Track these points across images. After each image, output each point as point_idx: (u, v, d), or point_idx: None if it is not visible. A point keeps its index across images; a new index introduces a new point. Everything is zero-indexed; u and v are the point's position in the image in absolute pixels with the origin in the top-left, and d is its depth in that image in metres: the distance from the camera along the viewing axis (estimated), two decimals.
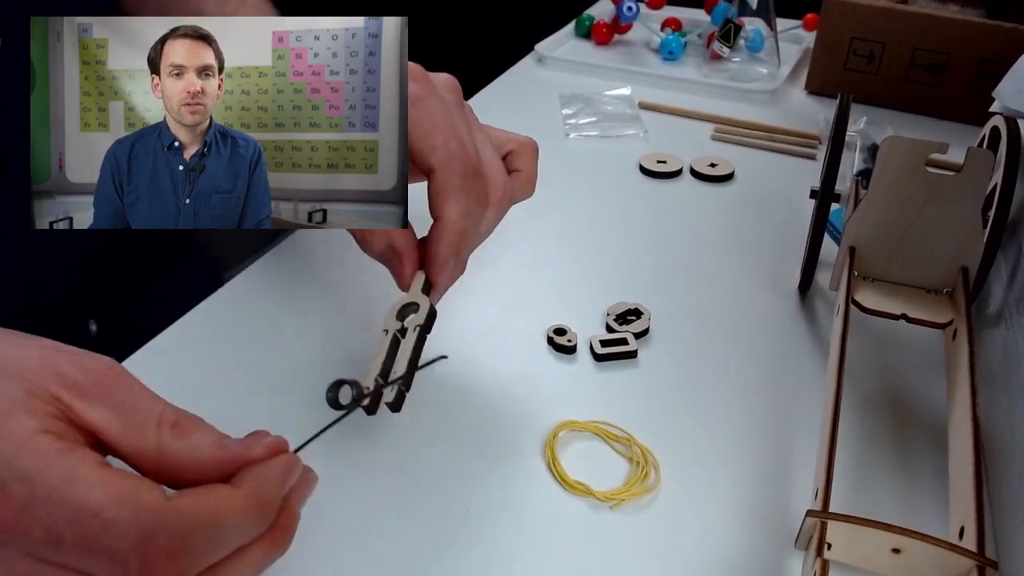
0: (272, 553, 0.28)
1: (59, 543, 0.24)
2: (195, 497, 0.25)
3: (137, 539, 0.23)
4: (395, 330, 0.37)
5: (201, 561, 0.25)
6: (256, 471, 0.27)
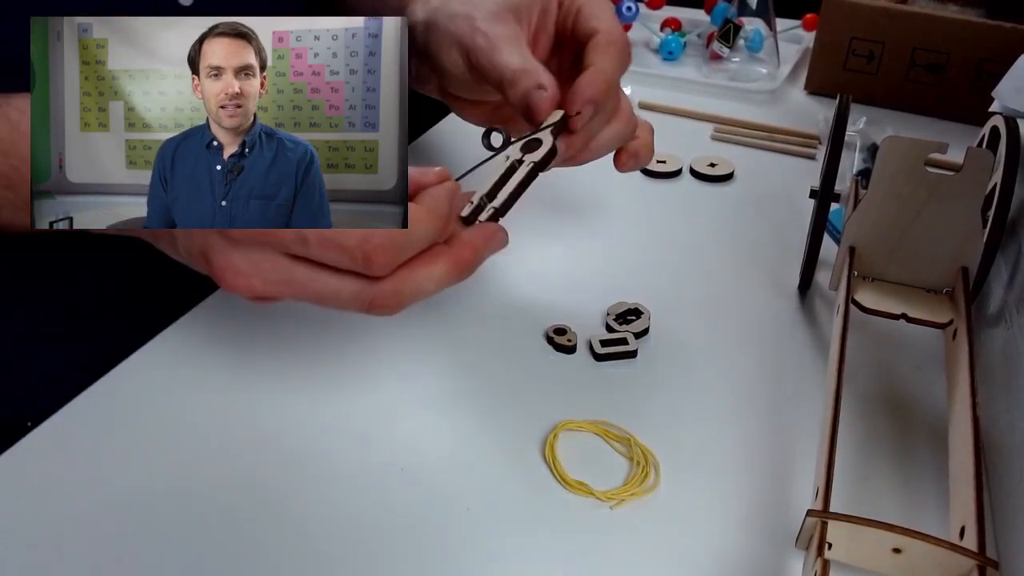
0: (453, 275, 0.35)
1: (305, 242, 0.33)
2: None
3: (360, 238, 0.32)
4: (515, 159, 0.39)
5: (401, 254, 0.33)
6: (431, 192, 0.35)
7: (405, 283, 0.34)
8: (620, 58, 0.42)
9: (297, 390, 0.44)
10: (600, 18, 0.43)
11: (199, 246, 0.35)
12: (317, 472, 0.39)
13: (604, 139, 0.44)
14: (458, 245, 0.36)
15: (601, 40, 0.42)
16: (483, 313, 0.50)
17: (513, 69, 0.42)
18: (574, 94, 0.40)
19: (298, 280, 0.34)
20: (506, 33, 0.43)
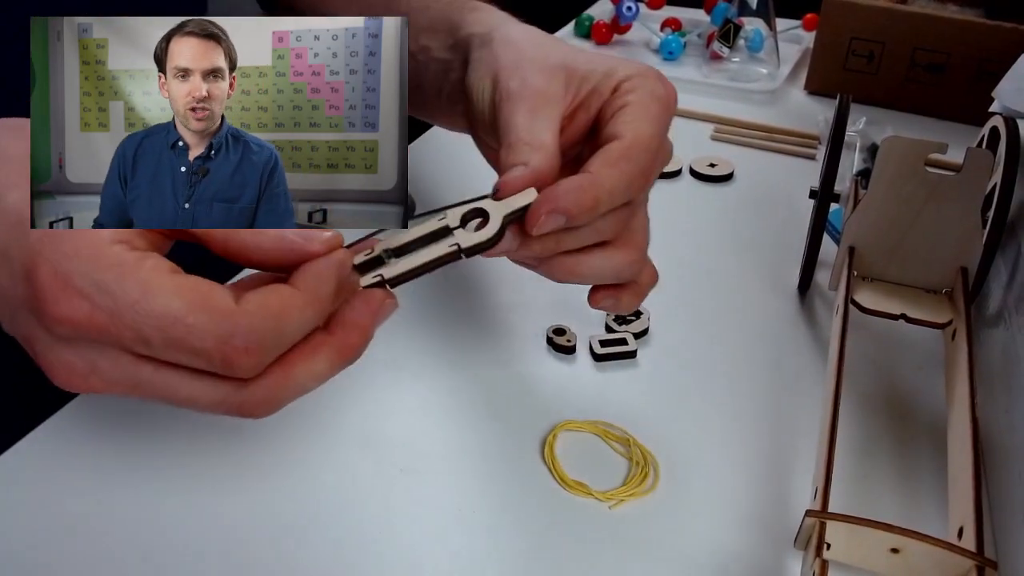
0: (337, 365, 0.30)
1: (149, 343, 0.27)
2: (261, 299, 0.28)
3: (216, 340, 0.27)
4: (448, 224, 0.33)
5: (271, 354, 0.28)
6: (313, 267, 0.30)
7: (279, 386, 0.29)
8: (630, 178, 0.35)
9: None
10: (635, 126, 0.35)
11: (23, 332, 0.30)
12: (316, 472, 0.39)
13: (594, 265, 0.37)
14: (341, 329, 0.31)
15: (616, 148, 0.35)
16: (483, 313, 0.50)
17: (520, 136, 0.36)
18: (546, 195, 0.34)
19: (145, 380, 0.29)
20: (544, 90, 0.37)
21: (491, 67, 0.40)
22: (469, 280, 0.53)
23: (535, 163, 0.35)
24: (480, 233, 0.33)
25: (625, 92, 0.37)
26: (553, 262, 0.37)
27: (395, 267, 0.32)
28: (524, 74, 0.38)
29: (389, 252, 0.33)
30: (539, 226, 0.33)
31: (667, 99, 0.37)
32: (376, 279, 0.32)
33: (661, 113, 0.37)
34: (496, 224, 0.33)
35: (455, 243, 0.33)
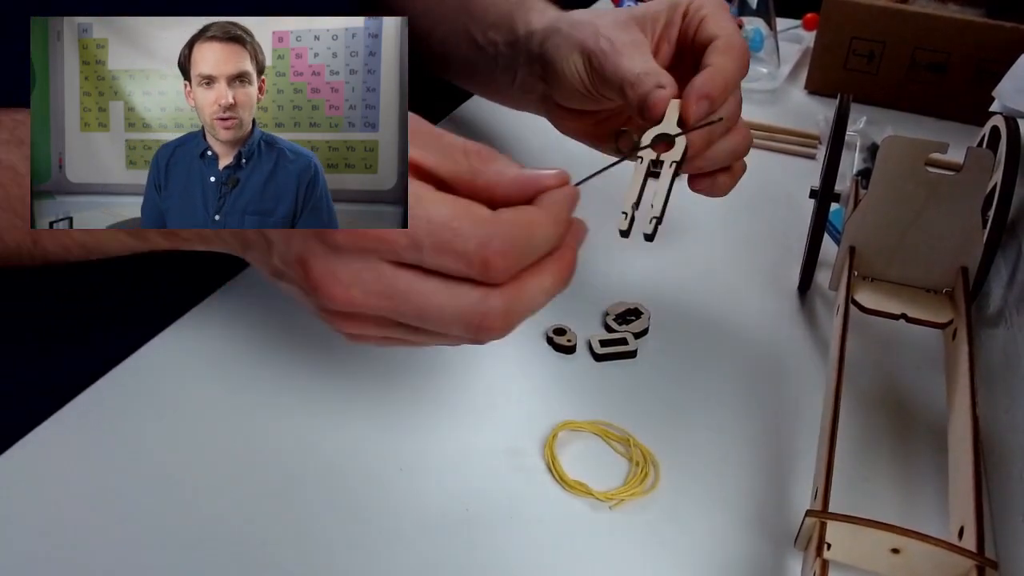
0: (560, 283, 0.33)
1: (419, 248, 0.30)
2: (514, 213, 0.31)
3: (478, 243, 0.30)
4: (651, 159, 0.39)
5: (521, 260, 0.31)
6: (552, 195, 0.32)
7: (518, 298, 0.32)
8: (739, 62, 0.43)
9: (294, 390, 0.44)
10: (722, 26, 0.44)
11: (297, 251, 0.32)
12: (315, 472, 0.39)
13: (720, 150, 0.44)
14: (558, 249, 0.33)
15: (721, 44, 0.43)
16: None
17: (636, 72, 0.42)
18: (691, 89, 0.41)
19: (401, 291, 0.31)
20: (630, 39, 0.44)
21: (573, 45, 0.46)
22: None
23: (666, 80, 0.42)
24: (677, 144, 0.39)
25: (697, 10, 0.45)
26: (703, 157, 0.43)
27: (656, 207, 0.38)
28: (608, 35, 0.44)
29: (633, 206, 0.38)
30: (695, 112, 0.40)
31: (724, 4, 0.46)
32: (653, 223, 0.38)
33: (728, 14, 0.46)
34: (679, 134, 0.40)
35: (672, 162, 0.39)
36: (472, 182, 0.32)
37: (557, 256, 0.33)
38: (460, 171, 0.32)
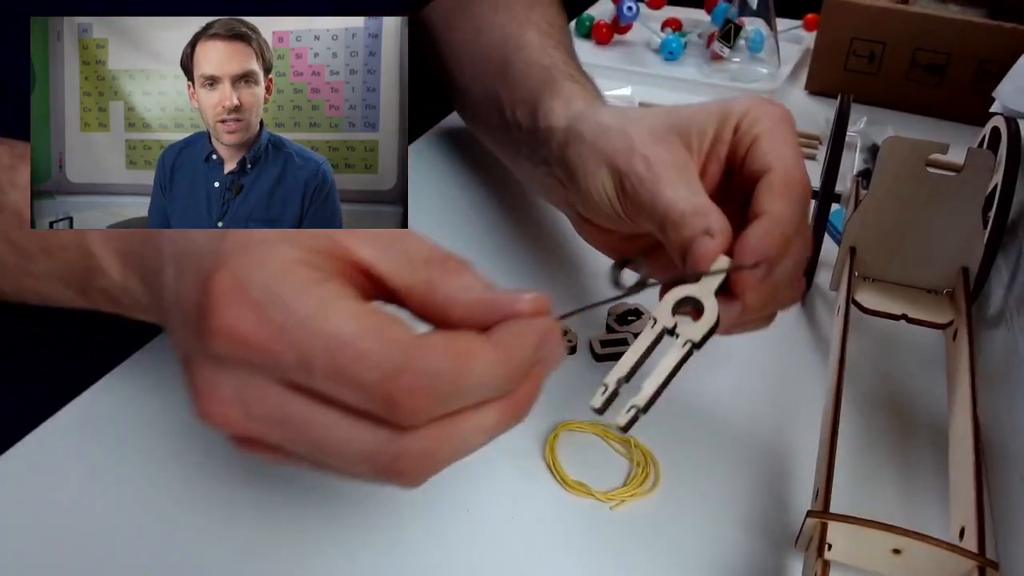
0: (508, 421, 0.27)
1: (310, 368, 0.24)
2: (446, 339, 0.25)
3: (384, 373, 0.24)
4: (666, 326, 0.32)
5: (442, 404, 0.25)
6: (515, 327, 0.26)
7: (441, 439, 0.25)
8: (800, 203, 0.34)
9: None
10: (778, 153, 0.35)
11: (183, 350, 0.27)
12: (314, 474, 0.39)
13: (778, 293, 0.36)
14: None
15: (778, 180, 0.34)
16: None
17: (680, 210, 0.34)
18: (744, 247, 0.32)
19: (293, 418, 0.25)
20: (672, 160, 0.36)
21: (601, 159, 0.38)
22: None
23: (718, 226, 0.33)
24: (704, 320, 0.31)
25: (749, 127, 0.36)
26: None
27: (643, 393, 0.31)
28: (644, 152, 0.36)
29: (621, 380, 0.31)
30: (750, 284, 0.32)
31: (787, 118, 0.37)
32: (631, 413, 0.30)
33: (789, 133, 0.36)
34: (712, 305, 0.32)
35: (687, 340, 0.31)
36: (426, 296, 0.27)
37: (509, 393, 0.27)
38: (415, 282, 0.27)
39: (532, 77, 0.48)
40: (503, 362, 0.25)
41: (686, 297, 0.32)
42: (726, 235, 0.33)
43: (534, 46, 0.51)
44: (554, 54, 0.50)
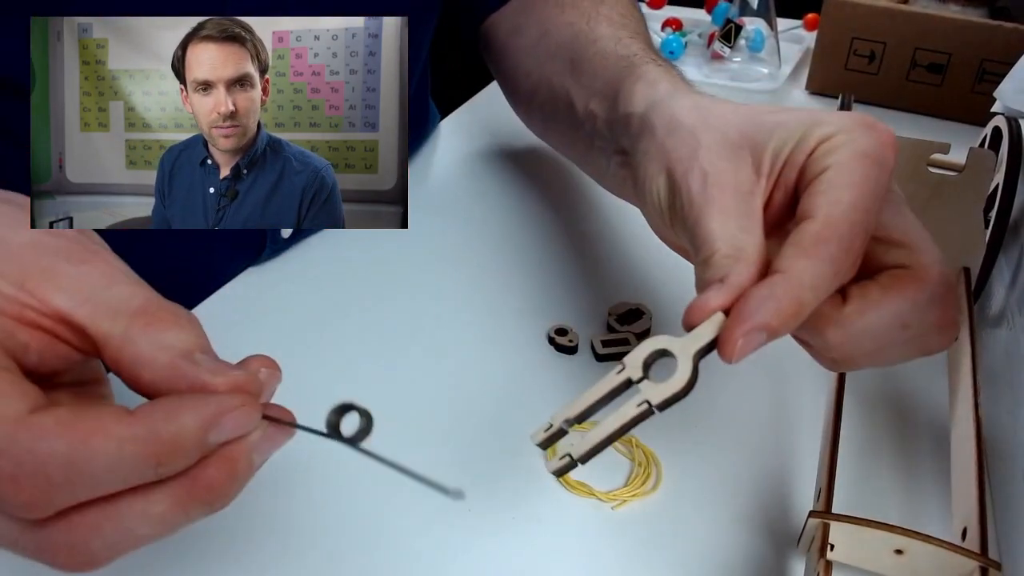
0: (191, 509, 0.23)
1: None
2: (67, 416, 0.21)
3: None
4: (631, 377, 0.28)
5: (60, 495, 0.21)
6: (167, 402, 0.22)
7: (92, 532, 0.22)
8: (835, 264, 0.28)
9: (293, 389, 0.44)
10: (834, 197, 0.28)
11: None
12: (315, 473, 0.39)
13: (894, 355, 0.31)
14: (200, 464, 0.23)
15: (809, 233, 0.28)
16: (484, 313, 0.50)
17: (716, 247, 0.29)
18: (739, 308, 0.28)
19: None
20: (734, 183, 0.31)
21: (662, 161, 0.34)
22: (469, 280, 0.53)
23: (735, 279, 0.28)
24: (671, 382, 0.28)
25: (825, 154, 0.29)
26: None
27: (583, 443, 0.28)
28: (704, 166, 0.31)
29: (570, 421, 0.28)
30: (737, 353, 0.28)
31: (880, 154, 0.29)
32: (564, 460, 0.28)
33: (869, 174, 0.28)
34: (687, 367, 0.28)
35: (644, 401, 0.28)
36: (118, 351, 0.23)
37: (190, 472, 0.23)
38: (111, 334, 0.23)
39: (609, 68, 0.45)
40: (141, 441, 0.21)
41: (663, 350, 0.28)
42: (743, 291, 0.28)
43: (607, 38, 0.48)
44: (631, 43, 0.47)
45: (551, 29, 0.54)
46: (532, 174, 0.66)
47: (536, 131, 0.60)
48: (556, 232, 0.58)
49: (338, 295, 0.51)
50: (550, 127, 0.55)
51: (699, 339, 0.28)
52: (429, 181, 0.65)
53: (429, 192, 0.63)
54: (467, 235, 0.58)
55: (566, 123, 0.50)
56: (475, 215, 0.60)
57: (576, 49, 0.49)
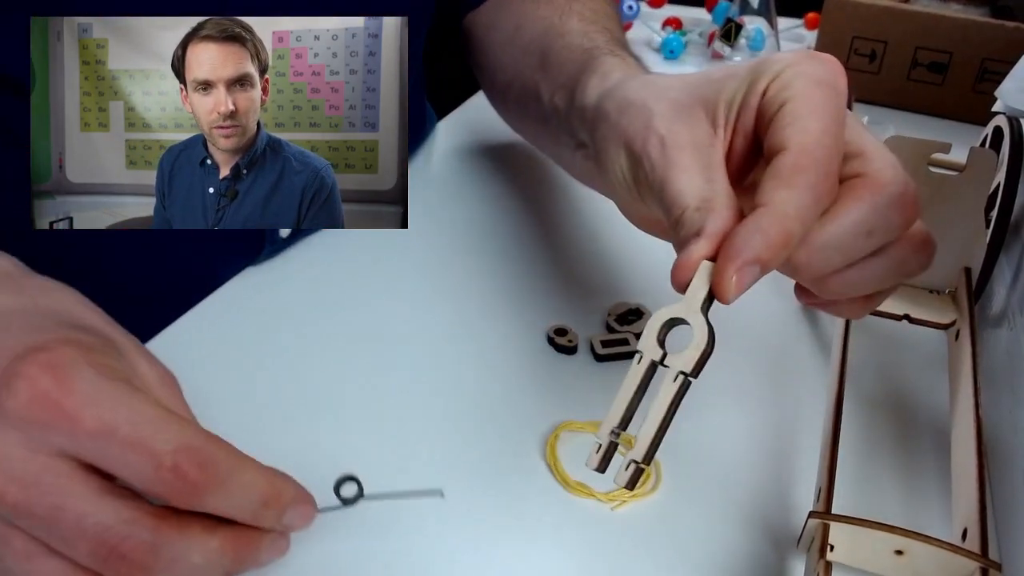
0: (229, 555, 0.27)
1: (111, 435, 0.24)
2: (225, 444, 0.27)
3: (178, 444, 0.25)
4: (653, 359, 0.28)
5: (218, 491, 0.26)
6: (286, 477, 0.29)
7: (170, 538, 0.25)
8: (815, 190, 0.28)
9: (292, 390, 0.44)
10: (800, 126, 0.28)
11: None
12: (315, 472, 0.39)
13: (869, 274, 0.30)
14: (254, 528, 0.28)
15: (785, 164, 0.28)
16: (483, 313, 0.50)
17: (685, 203, 0.30)
18: (725, 253, 0.28)
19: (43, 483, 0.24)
20: (690, 139, 0.31)
21: (619, 140, 0.34)
22: (469, 281, 0.53)
23: (711, 227, 0.28)
24: (694, 344, 0.27)
25: (780, 90, 0.30)
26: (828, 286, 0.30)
27: (639, 444, 0.27)
28: (660, 131, 0.31)
29: (616, 431, 0.28)
30: (734, 291, 0.27)
31: (833, 80, 0.30)
32: (631, 469, 0.27)
33: (829, 99, 0.29)
34: (700, 323, 0.27)
35: (678, 373, 0.27)
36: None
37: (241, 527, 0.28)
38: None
39: (572, 61, 0.45)
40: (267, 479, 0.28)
41: (672, 319, 0.28)
42: (720, 237, 0.28)
43: (575, 32, 0.49)
44: (596, 37, 0.47)
45: (525, 24, 0.54)
46: (532, 174, 0.66)
47: (512, 126, 0.61)
48: (555, 232, 0.58)
49: (338, 295, 0.51)
50: (524, 121, 0.56)
51: (697, 293, 0.28)
52: (429, 181, 0.65)
53: (429, 192, 0.63)
54: (467, 235, 0.58)
55: (536, 117, 0.50)
56: (475, 215, 0.60)
57: (546, 44, 0.50)
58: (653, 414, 0.28)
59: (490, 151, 0.70)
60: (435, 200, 0.62)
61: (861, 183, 0.29)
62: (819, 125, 0.28)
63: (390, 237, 0.55)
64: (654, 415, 0.28)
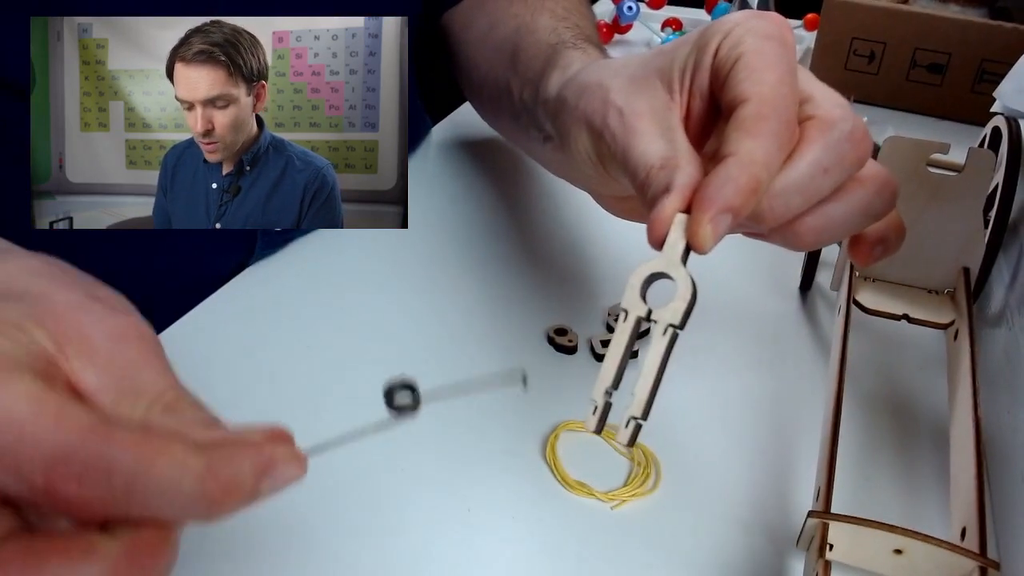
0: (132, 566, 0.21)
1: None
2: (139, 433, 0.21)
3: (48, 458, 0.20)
4: (638, 315, 0.28)
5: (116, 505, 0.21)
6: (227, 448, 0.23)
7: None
8: (778, 138, 0.29)
9: (293, 389, 0.44)
10: (756, 79, 0.29)
11: None
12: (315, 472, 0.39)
13: (835, 217, 0.31)
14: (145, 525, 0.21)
15: (748, 114, 0.29)
16: (483, 313, 0.50)
17: (648, 164, 0.30)
18: (697, 204, 0.28)
19: None
20: (648, 107, 0.32)
21: (580, 122, 0.35)
22: (469, 280, 0.53)
23: (679, 181, 0.29)
24: (678, 296, 0.28)
25: (732, 48, 0.31)
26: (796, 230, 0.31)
27: (637, 400, 0.28)
28: (618, 104, 0.32)
29: (609, 391, 0.28)
30: (710, 239, 0.28)
31: (781, 34, 0.31)
32: (631, 426, 0.28)
33: (779, 52, 0.30)
34: (682, 274, 0.28)
35: (666, 326, 0.27)
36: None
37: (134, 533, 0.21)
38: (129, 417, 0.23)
39: (539, 57, 0.46)
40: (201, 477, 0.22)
41: (653, 274, 0.28)
42: (689, 189, 0.29)
43: (545, 29, 0.49)
44: (564, 32, 0.48)
45: (497, 22, 0.55)
46: (532, 175, 0.66)
47: (489, 123, 0.62)
48: (555, 232, 0.58)
49: (338, 295, 0.51)
50: (499, 118, 0.57)
51: (676, 247, 0.28)
52: (429, 181, 0.65)
53: (429, 192, 0.63)
54: (466, 235, 0.58)
55: (509, 114, 0.51)
56: (475, 215, 0.60)
57: (517, 41, 0.50)
58: (646, 371, 0.28)
59: (490, 151, 0.70)
60: (435, 200, 0.62)
61: (811, 124, 0.30)
62: (774, 76, 0.29)
63: (390, 237, 0.55)
64: (647, 371, 0.28)
